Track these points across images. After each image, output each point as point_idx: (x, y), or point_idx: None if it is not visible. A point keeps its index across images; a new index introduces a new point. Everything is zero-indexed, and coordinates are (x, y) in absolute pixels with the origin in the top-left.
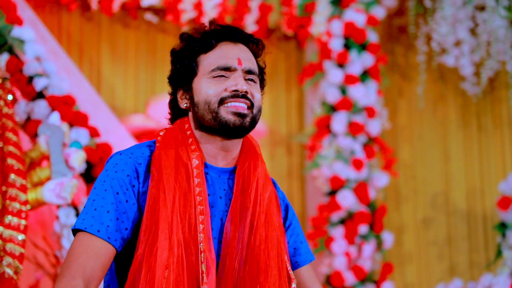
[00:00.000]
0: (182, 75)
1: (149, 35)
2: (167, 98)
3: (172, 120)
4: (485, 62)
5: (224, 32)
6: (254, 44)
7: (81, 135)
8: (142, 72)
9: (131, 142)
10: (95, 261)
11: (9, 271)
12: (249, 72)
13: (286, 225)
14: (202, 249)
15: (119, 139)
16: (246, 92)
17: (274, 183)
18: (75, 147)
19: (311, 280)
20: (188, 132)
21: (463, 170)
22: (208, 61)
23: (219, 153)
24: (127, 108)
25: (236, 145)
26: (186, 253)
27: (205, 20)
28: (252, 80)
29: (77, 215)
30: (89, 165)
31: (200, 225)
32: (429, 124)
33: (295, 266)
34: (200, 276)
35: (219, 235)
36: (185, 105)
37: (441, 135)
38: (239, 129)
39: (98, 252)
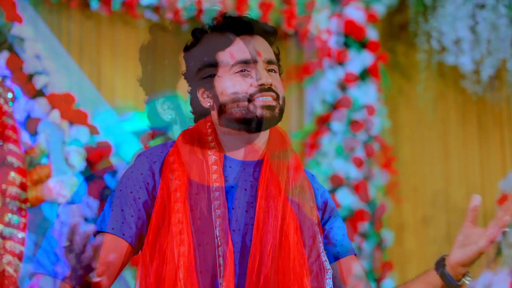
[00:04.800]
0: (201, 74)
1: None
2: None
3: (196, 119)
4: (485, 60)
5: (239, 25)
6: (268, 33)
7: (81, 133)
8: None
9: (131, 141)
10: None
11: (9, 269)
12: (269, 62)
13: (324, 220)
14: (219, 243)
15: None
16: (271, 84)
17: (311, 177)
18: (75, 145)
19: (348, 273)
20: (209, 130)
21: (463, 168)
22: (227, 57)
23: (244, 147)
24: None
25: (262, 137)
26: (202, 248)
27: (204, 18)
28: (273, 70)
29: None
30: (89, 163)
31: (218, 219)
32: (429, 122)
33: (335, 258)
34: (218, 270)
35: (243, 227)
36: (209, 104)
37: (441, 133)
38: (270, 121)
39: (114, 248)
